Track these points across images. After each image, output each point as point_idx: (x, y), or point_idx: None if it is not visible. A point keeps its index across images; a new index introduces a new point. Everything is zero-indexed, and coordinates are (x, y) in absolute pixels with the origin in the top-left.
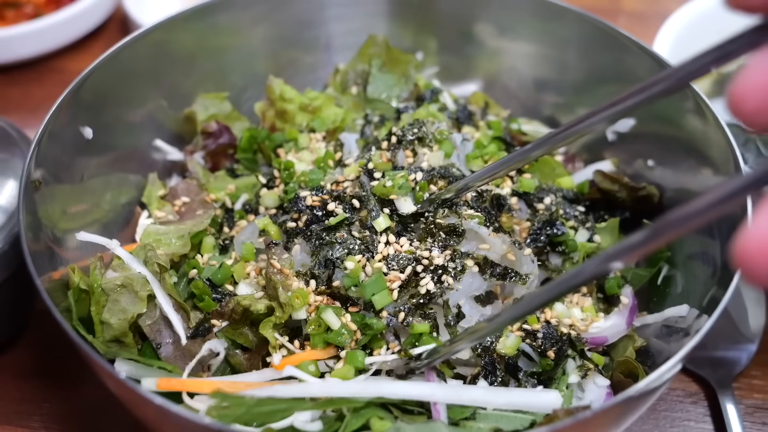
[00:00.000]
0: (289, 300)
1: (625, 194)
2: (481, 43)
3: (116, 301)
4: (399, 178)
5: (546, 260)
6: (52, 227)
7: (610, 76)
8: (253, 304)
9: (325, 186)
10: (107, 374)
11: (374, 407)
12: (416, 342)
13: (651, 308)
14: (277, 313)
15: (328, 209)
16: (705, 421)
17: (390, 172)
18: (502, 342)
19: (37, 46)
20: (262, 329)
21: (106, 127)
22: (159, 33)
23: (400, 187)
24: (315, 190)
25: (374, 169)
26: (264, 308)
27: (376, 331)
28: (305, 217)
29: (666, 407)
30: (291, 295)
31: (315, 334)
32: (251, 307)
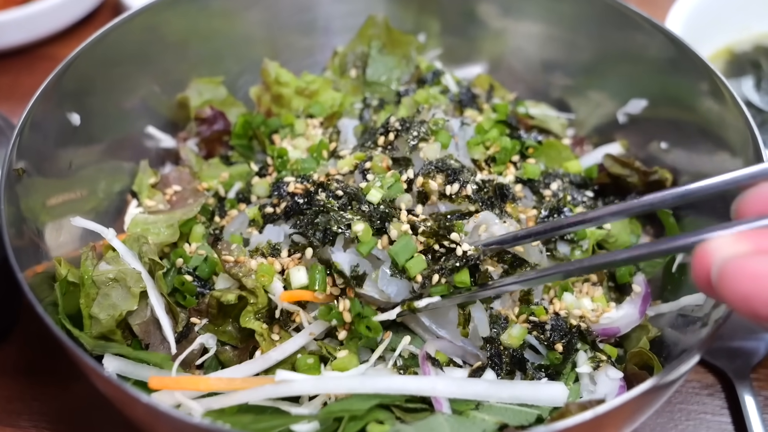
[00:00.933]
0: (256, 284)
1: (637, 179)
2: (485, 24)
3: (107, 296)
4: (389, 178)
5: (554, 249)
6: (36, 219)
7: (621, 56)
8: (223, 295)
9: (312, 176)
10: (94, 372)
11: (375, 410)
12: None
13: (665, 297)
14: (251, 300)
15: (315, 198)
16: (722, 413)
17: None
18: (507, 333)
19: (27, 33)
20: (243, 322)
21: (96, 113)
22: (148, 16)
23: (390, 187)
24: (301, 177)
25: (371, 171)
26: (234, 298)
27: (371, 325)
28: (284, 204)
29: (681, 399)
30: (256, 277)
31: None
32: (222, 298)
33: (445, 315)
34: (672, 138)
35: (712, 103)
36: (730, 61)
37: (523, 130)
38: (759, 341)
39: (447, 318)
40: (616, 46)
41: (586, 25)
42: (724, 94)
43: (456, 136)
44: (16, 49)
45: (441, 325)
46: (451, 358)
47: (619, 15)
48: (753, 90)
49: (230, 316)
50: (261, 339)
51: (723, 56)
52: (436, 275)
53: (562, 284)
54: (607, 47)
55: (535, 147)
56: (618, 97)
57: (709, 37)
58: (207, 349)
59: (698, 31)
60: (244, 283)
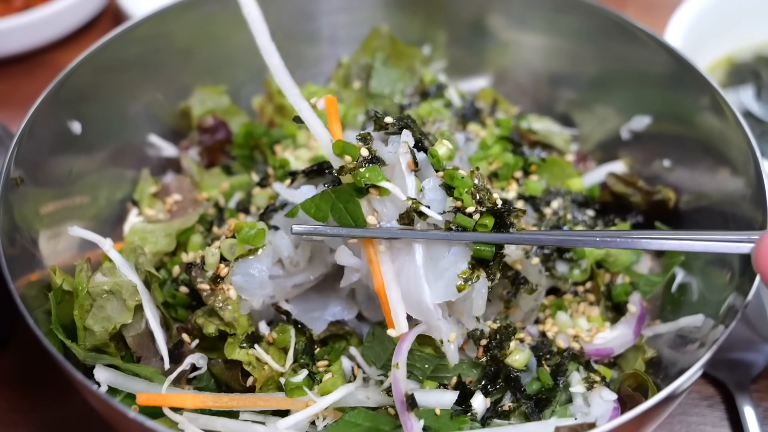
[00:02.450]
0: (234, 317)
1: (639, 198)
2: (492, 36)
3: (102, 308)
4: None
5: (552, 267)
6: (32, 228)
7: (624, 70)
8: (205, 326)
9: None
10: (82, 385)
11: None
12: None
13: (665, 317)
14: (231, 332)
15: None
16: (722, 425)
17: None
18: (512, 357)
19: (28, 40)
20: (228, 353)
21: (97, 121)
22: (152, 25)
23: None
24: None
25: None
26: (215, 330)
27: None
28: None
29: (681, 411)
30: (233, 307)
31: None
32: (204, 330)
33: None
34: (675, 155)
35: (713, 119)
36: (731, 71)
37: (526, 146)
38: (758, 353)
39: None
40: (620, 61)
41: (590, 38)
42: (724, 110)
43: (461, 149)
44: (16, 56)
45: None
46: (440, 383)
47: (620, 29)
48: (753, 99)
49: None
50: (250, 368)
51: (723, 65)
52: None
53: (557, 303)
54: (610, 61)
55: (537, 164)
56: (622, 112)
57: (709, 46)
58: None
59: (699, 40)
60: (222, 315)
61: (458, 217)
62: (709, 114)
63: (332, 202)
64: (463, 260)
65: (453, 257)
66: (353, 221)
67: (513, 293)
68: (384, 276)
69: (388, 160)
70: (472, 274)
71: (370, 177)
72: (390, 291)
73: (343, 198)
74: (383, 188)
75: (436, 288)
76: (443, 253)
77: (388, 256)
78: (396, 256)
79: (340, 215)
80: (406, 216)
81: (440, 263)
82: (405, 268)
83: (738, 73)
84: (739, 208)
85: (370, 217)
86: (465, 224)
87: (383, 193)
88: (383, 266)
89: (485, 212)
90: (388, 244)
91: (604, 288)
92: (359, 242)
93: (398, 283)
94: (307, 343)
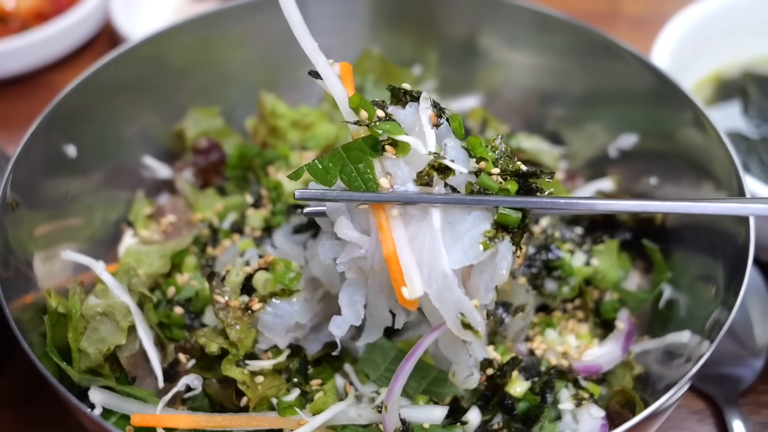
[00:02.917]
0: (239, 338)
1: (627, 215)
2: (482, 56)
3: (95, 330)
4: None
5: (541, 285)
6: (26, 250)
7: (611, 89)
8: (207, 345)
9: None
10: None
11: None
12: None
13: (653, 333)
14: (233, 351)
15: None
16: None
17: None
18: (513, 386)
19: (25, 62)
20: (224, 370)
21: (93, 143)
22: (146, 47)
23: None
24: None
25: None
26: (217, 349)
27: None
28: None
29: (671, 425)
30: (240, 328)
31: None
32: (206, 349)
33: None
34: (661, 173)
35: (697, 135)
36: (718, 88)
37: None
38: (746, 368)
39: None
40: (606, 80)
41: (577, 58)
42: (707, 127)
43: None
44: (14, 78)
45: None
46: (433, 398)
47: (606, 48)
48: (740, 116)
49: (214, 360)
50: (244, 387)
51: (710, 82)
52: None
53: (546, 320)
54: (597, 80)
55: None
56: (610, 130)
57: (697, 63)
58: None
59: (686, 58)
60: (228, 333)
61: (482, 178)
62: (692, 131)
63: (342, 163)
64: (486, 222)
65: (473, 221)
66: (364, 184)
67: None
68: (397, 241)
69: (405, 122)
70: (497, 234)
71: (390, 129)
72: (403, 255)
73: (355, 157)
74: (401, 144)
75: (455, 252)
76: (463, 218)
77: (401, 221)
78: (409, 222)
79: (350, 178)
80: (425, 174)
81: (459, 227)
82: (419, 234)
83: (725, 90)
84: (722, 223)
85: (382, 180)
86: (489, 185)
87: (400, 151)
88: (395, 231)
89: (509, 177)
90: (402, 209)
91: (592, 305)
92: (367, 211)
93: (412, 249)
94: (301, 362)
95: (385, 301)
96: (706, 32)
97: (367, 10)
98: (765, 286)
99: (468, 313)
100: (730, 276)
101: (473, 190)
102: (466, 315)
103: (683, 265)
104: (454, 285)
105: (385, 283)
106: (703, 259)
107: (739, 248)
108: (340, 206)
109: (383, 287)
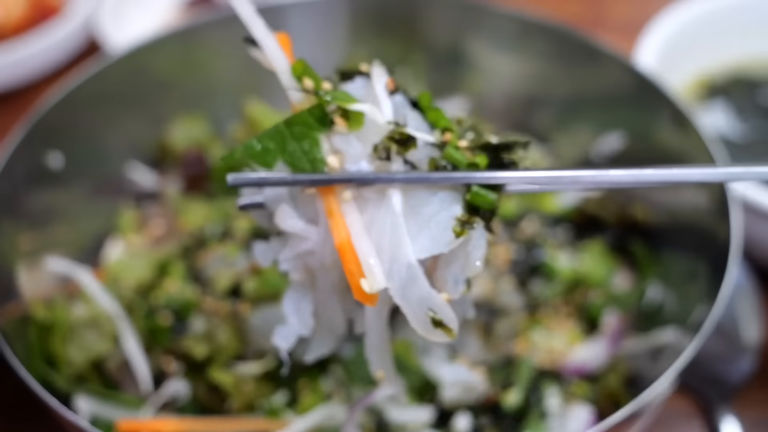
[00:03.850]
0: (227, 342)
1: (613, 218)
2: (468, 61)
3: (82, 337)
4: None
5: (527, 286)
6: (10, 261)
7: (596, 91)
8: (194, 350)
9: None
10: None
11: None
12: None
13: (640, 332)
14: (220, 355)
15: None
16: None
17: None
18: (506, 396)
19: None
20: (212, 373)
21: (78, 152)
22: (130, 58)
23: None
24: None
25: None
26: (204, 354)
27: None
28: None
29: (659, 423)
30: (227, 334)
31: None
32: (194, 353)
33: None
34: None
35: (680, 137)
36: (704, 91)
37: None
38: (735, 367)
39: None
40: (590, 82)
41: (562, 62)
42: (689, 129)
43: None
44: None
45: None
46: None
47: (588, 51)
48: (726, 119)
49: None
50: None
51: (696, 85)
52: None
53: (532, 321)
54: (581, 83)
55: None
56: (595, 133)
57: (683, 65)
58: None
59: (672, 60)
60: (215, 337)
61: (448, 151)
62: (675, 133)
63: (284, 140)
64: (455, 205)
65: (440, 203)
66: (310, 165)
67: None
68: (351, 228)
69: (356, 94)
70: (470, 218)
71: (340, 96)
72: (359, 243)
73: (299, 133)
74: (354, 115)
75: (421, 239)
76: (428, 200)
77: (354, 206)
78: (365, 207)
79: (293, 158)
80: (382, 149)
81: (424, 210)
82: (377, 220)
83: (711, 93)
84: (706, 222)
85: (330, 158)
86: (456, 159)
87: (353, 125)
88: (349, 217)
89: (477, 149)
90: (356, 192)
91: (578, 305)
92: (314, 197)
93: (369, 237)
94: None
95: (338, 305)
96: (691, 35)
97: (351, 17)
98: (751, 284)
99: (439, 309)
100: (714, 273)
101: (438, 166)
102: (436, 311)
103: (668, 263)
104: (421, 277)
105: (338, 283)
106: (687, 258)
107: (722, 245)
108: (280, 193)
109: (336, 287)
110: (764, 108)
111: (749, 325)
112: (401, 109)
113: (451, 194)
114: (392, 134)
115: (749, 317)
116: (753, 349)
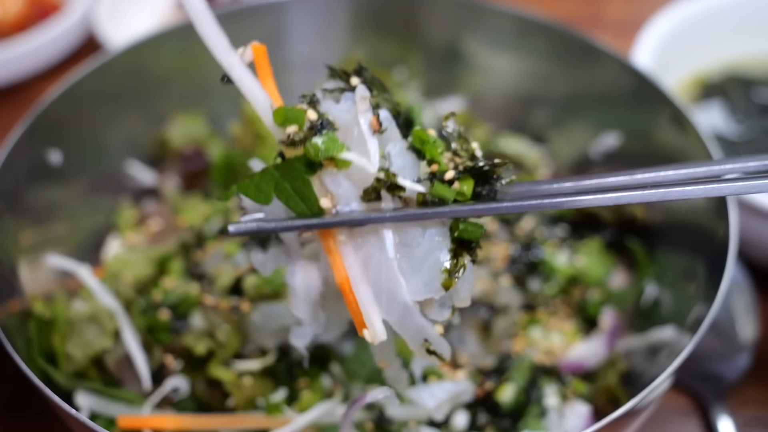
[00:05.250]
0: (227, 339)
1: (610, 216)
2: (465, 60)
3: (82, 334)
4: None
5: (525, 285)
6: (11, 257)
7: (593, 89)
8: (194, 346)
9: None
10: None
11: None
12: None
13: (637, 330)
14: (220, 352)
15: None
16: None
17: None
18: (502, 392)
19: (9, 72)
20: (211, 371)
21: (77, 149)
22: (129, 55)
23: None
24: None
25: None
26: (204, 351)
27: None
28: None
29: (656, 423)
30: (227, 331)
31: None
32: (193, 350)
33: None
34: None
35: (677, 136)
36: (700, 90)
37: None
38: (731, 365)
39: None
40: (587, 81)
41: (559, 60)
42: (686, 127)
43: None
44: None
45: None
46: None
47: (586, 49)
48: (722, 118)
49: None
50: (231, 387)
51: (693, 85)
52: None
53: (530, 318)
54: (578, 82)
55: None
56: (592, 131)
57: (679, 64)
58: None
59: (668, 59)
60: (216, 334)
61: (436, 187)
62: (672, 131)
63: (275, 182)
64: (442, 247)
65: (429, 243)
66: (304, 204)
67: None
68: (348, 270)
69: (341, 121)
70: (457, 264)
71: (328, 148)
72: (358, 290)
73: (290, 176)
74: (341, 161)
75: (414, 282)
76: (418, 238)
77: (350, 246)
78: (360, 245)
79: (288, 197)
80: (372, 191)
81: (416, 252)
82: (374, 257)
83: (708, 92)
84: (703, 220)
85: (323, 200)
86: (444, 195)
87: (341, 166)
88: (347, 259)
89: (463, 174)
90: (349, 231)
91: (576, 303)
92: (313, 233)
93: (367, 278)
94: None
95: (344, 305)
96: (687, 34)
97: (350, 16)
98: (748, 283)
99: (433, 341)
100: (711, 272)
101: (426, 201)
102: (431, 342)
103: (666, 262)
104: (416, 313)
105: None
106: (685, 256)
107: (719, 244)
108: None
109: (341, 295)
110: (759, 106)
111: (745, 324)
112: (387, 138)
113: (440, 229)
114: (380, 182)
115: (745, 316)
116: (748, 347)
